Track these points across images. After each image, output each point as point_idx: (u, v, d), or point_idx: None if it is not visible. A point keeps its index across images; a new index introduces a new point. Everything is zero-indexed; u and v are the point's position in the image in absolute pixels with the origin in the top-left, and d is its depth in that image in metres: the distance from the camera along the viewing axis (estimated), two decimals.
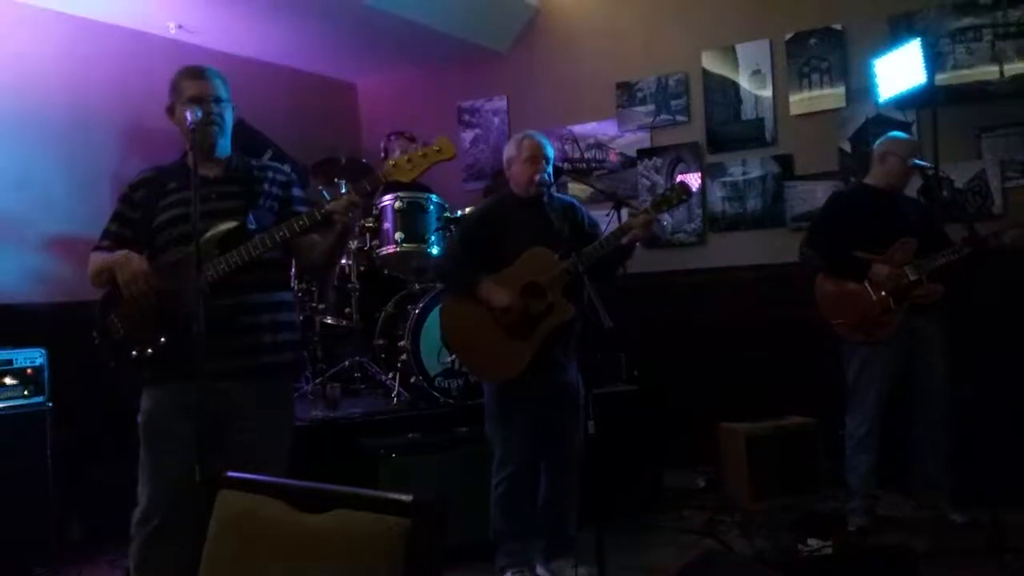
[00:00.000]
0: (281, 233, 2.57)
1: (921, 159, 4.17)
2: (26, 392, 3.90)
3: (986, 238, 3.83)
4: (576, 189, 5.87)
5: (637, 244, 3.37)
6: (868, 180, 4.13)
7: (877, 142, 4.19)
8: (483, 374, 3.66)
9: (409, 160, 2.59)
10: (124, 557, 2.76)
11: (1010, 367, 4.26)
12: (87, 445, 4.21)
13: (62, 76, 4.79)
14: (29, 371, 3.93)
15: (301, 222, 2.58)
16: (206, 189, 2.64)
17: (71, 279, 4.29)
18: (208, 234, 2.53)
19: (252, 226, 2.63)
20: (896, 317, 3.88)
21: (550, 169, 3.49)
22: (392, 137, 5.34)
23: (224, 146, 2.75)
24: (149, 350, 2.56)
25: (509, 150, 3.57)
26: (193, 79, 2.70)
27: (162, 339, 2.55)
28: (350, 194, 2.60)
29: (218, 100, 2.70)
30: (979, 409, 4.13)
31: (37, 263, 4.55)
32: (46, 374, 3.97)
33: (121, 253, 2.61)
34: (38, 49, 4.71)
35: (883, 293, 3.89)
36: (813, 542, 3.65)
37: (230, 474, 1.64)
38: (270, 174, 2.82)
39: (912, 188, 4.31)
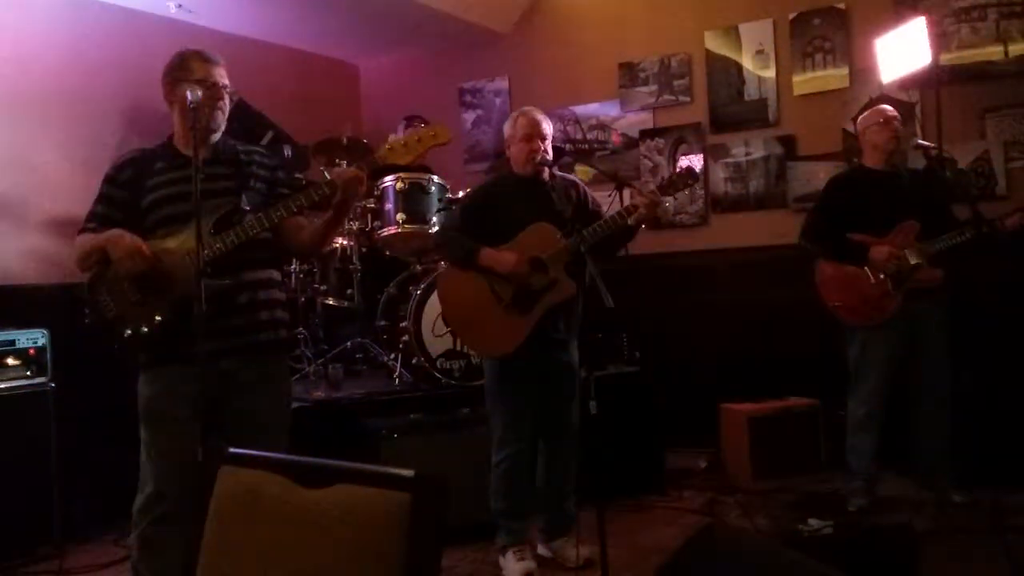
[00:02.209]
0: (279, 212, 2.58)
1: (923, 139, 4.15)
2: (29, 373, 3.92)
3: (991, 222, 3.80)
4: (578, 170, 5.85)
5: (641, 225, 3.36)
6: (864, 162, 4.11)
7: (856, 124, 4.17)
8: (480, 349, 3.65)
9: (405, 144, 2.63)
10: (128, 536, 2.77)
11: (1011, 349, 4.26)
12: (90, 425, 4.22)
13: (61, 55, 4.75)
14: (32, 352, 3.94)
15: (299, 201, 2.59)
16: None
17: (73, 260, 4.28)
18: (206, 214, 2.51)
19: (246, 207, 2.64)
20: (895, 301, 3.86)
21: (548, 146, 3.47)
22: (405, 123, 5.39)
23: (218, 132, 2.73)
24: (144, 329, 2.56)
25: (507, 128, 3.55)
26: (204, 62, 2.69)
27: (158, 318, 2.55)
28: (358, 169, 2.60)
29: (225, 87, 2.70)
30: (980, 390, 4.14)
31: (38, 244, 4.54)
32: (48, 355, 3.97)
33: (113, 231, 2.60)
34: (36, 28, 4.68)
35: (882, 276, 3.88)
36: (814, 522, 3.64)
37: (232, 451, 1.64)
38: (257, 157, 2.83)
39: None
